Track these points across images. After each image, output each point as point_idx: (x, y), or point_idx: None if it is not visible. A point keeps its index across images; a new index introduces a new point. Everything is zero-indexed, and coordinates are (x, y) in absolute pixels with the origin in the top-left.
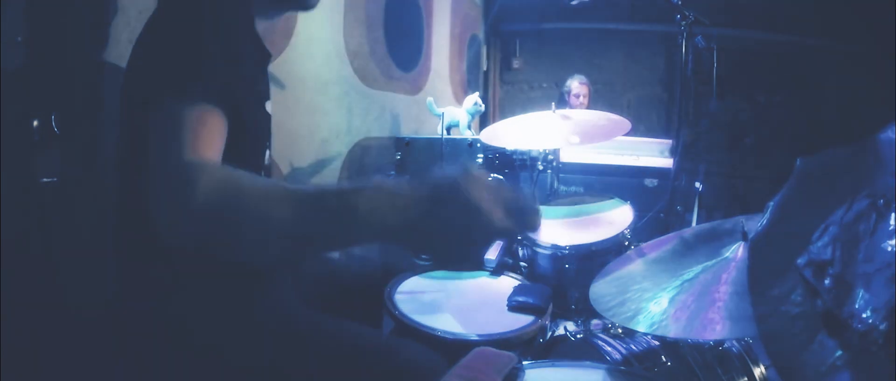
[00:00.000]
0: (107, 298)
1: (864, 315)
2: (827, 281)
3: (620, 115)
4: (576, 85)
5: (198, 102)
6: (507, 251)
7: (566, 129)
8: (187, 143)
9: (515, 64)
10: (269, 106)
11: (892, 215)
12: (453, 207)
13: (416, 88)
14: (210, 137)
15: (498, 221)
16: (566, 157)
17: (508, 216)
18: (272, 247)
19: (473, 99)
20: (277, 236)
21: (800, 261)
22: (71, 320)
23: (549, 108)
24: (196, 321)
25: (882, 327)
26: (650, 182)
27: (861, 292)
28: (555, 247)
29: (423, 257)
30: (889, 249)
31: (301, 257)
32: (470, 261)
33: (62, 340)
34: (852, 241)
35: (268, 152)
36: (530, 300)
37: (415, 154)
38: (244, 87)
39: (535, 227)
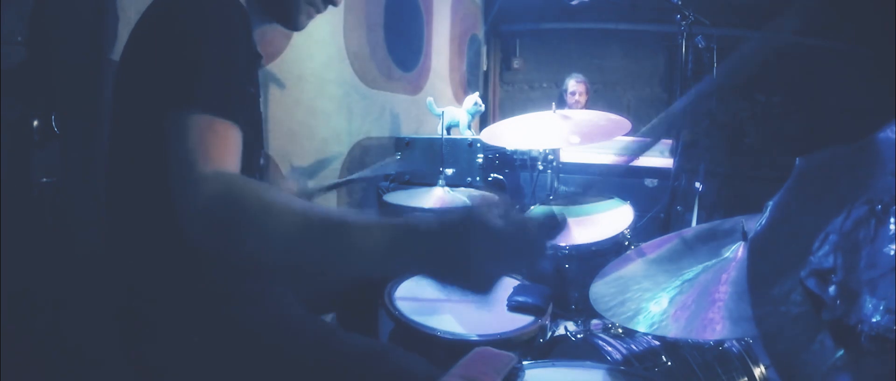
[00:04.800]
0: (106, 298)
1: (874, 320)
2: (831, 290)
3: (620, 115)
4: (572, 84)
5: (214, 114)
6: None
7: (566, 129)
8: (206, 153)
9: (515, 64)
10: (260, 106)
11: (892, 219)
12: (470, 235)
13: (416, 88)
14: (228, 147)
15: (519, 242)
16: (566, 157)
17: (531, 233)
18: (281, 263)
19: (473, 99)
20: (286, 256)
21: (802, 273)
22: (70, 320)
23: (549, 108)
24: (192, 322)
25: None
26: (650, 182)
27: (867, 298)
28: (555, 247)
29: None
30: (891, 253)
31: (317, 274)
32: (493, 285)
33: (62, 340)
34: (853, 248)
35: (262, 153)
36: (530, 300)
37: (415, 154)
38: (248, 93)
39: (559, 233)
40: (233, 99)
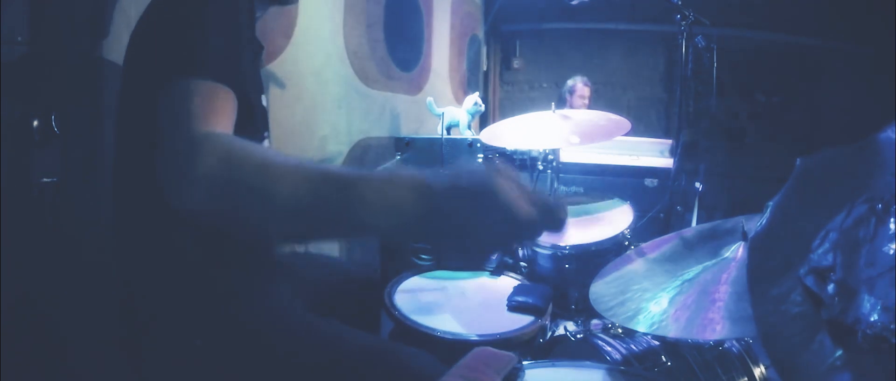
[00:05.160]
0: (107, 298)
1: (872, 318)
2: (830, 288)
3: (620, 115)
4: (580, 86)
5: (208, 78)
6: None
7: (566, 129)
8: (200, 115)
9: (515, 64)
10: (264, 100)
11: (892, 219)
12: (481, 200)
13: (416, 88)
14: (223, 112)
15: (526, 219)
16: (566, 157)
17: (536, 215)
18: (281, 224)
19: (473, 99)
20: (289, 214)
21: (801, 271)
22: (71, 320)
23: (549, 108)
24: (194, 321)
25: (894, 326)
26: (650, 182)
27: (866, 297)
28: (555, 247)
29: (424, 253)
30: (890, 252)
31: (317, 236)
32: (487, 258)
33: (62, 340)
34: (853, 246)
35: (266, 143)
36: (530, 300)
37: (415, 154)
38: (249, 75)
39: (560, 227)
40: (234, 68)
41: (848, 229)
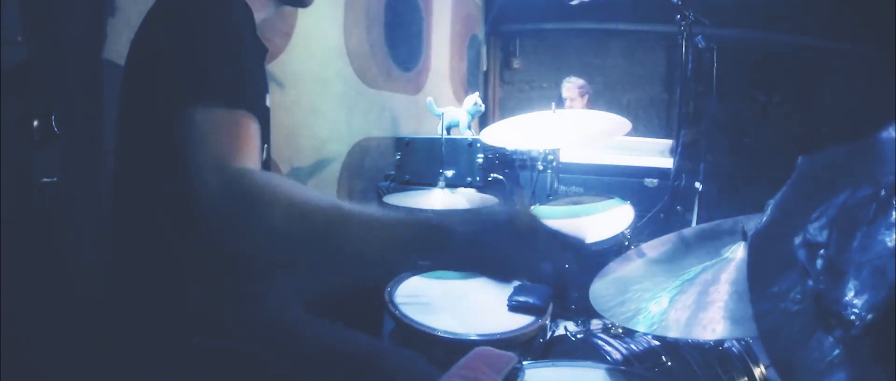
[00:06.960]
0: (107, 298)
1: (853, 301)
2: (819, 262)
3: (620, 115)
4: (565, 88)
5: (233, 106)
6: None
7: (566, 129)
8: (229, 148)
9: (515, 64)
10: (267, 100)
11: (894, 210)
12: (499, 226)
13: (416, 88)
14: (248, 141)
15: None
16: (566, 157)
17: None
18: (318, 262)
19: (473, 99)
20: (327, 256)
21: (796, 240)
22: (71, 320)
23: (549, 108)
24: (192, 322)
25: (869, 318)
26: (650, 182)
27: (852, 281)
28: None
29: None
30: (889, 242)
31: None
32: (512, 279)
33: (62, 340)
34: (849, 226)
35: (266, 146)
36: (530, 300)
37: (415, 154)
38: (257, 83)
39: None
40: (247, 91)
41: (848, 207)
